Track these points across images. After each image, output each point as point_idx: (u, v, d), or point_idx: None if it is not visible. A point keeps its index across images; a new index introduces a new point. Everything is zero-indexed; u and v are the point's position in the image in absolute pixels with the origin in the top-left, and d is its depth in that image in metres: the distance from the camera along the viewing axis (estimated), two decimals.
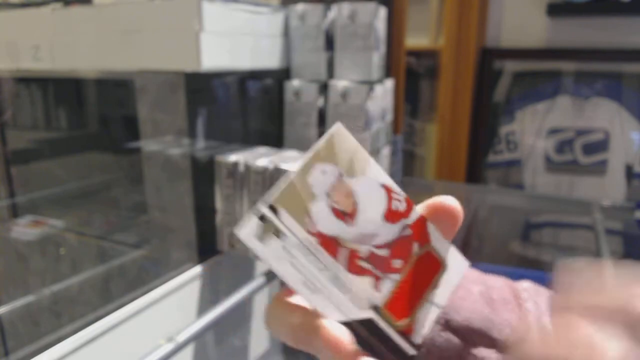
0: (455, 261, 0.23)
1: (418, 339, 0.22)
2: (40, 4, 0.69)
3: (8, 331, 0.76)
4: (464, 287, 0.27)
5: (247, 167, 0.63)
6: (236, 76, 0.71)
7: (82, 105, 0.87)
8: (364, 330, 0.21)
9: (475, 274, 0.28)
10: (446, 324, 0.25)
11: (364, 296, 0.20)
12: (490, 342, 0.26)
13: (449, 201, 0.23)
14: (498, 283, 0.29)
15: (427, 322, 0.23)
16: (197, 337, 0.57)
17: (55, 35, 0.69)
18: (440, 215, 0.23)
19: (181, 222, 0.67)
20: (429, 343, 0.25)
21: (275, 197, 0.17)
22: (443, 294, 0.23)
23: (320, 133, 0.79)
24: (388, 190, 0.20)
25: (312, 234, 0.18)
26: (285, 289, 0.23)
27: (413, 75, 1.52)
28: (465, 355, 0.25)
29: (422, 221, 0.22)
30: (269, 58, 0.75)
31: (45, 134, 0.89)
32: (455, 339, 0.25)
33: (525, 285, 0.30)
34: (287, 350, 0.92)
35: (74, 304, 0.78)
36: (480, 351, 0.25)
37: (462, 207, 0.23)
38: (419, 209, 0.23)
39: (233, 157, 0.65)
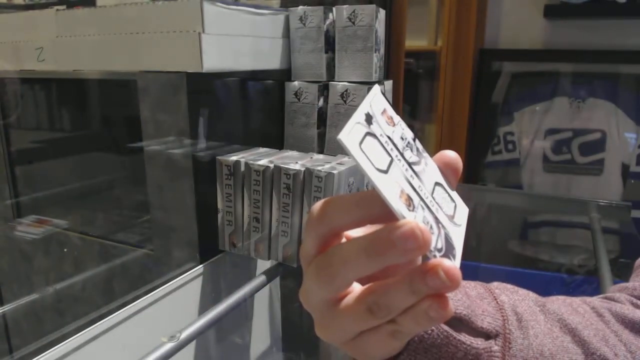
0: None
1: None
2: (44, 5, 0.70)
3: (12, 329, 0.76)
4: None
5: (248, 167, 0.64)
6: (237, 77, 0.72)
7: (85, 106, 0.87)
8: None
9: None
10: None
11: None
12: (474, 330, 0.27)
13: (450, 153, 0.25)
14: (471, 283, 0.30)
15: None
16: (199, 335, 0.57)
17: (58, 37, 0.70)
18: (444, 164, 0.25)
19: (183, 221, 0.68)
20: (421, 334, 0.26)
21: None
22: None
23: (320, 133, 0.80)
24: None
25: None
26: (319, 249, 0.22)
27: (412, 76, 1.53)
28: (453, 342, 0.26)
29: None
30: (270, 59, 0.76)
31: (49, 134, 0.90)
32: (443, 326, 0.26)
33: (495, 284, 0.32)
34: (287, 348, 0.92)
35: (77, 302, 0.79)
36: (466, 338, 0.27)
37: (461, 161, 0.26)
38: None
39: (234, 157, 0.66)
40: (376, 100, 0.24)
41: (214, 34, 0.61)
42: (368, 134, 0.22)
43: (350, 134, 0.21)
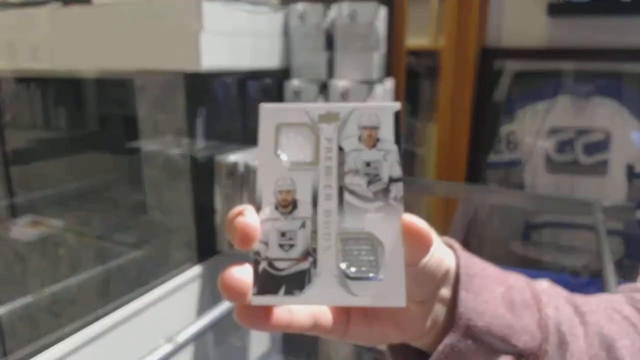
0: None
1: None
2: (40, 3, 0.69)
3: (7, 331, 0.76)
4: (487, 288, 0.26)
5: (247, 167, 0.63)
6: (236, 76, 0.71)
7: (81, 105, 0.87)
8: None
9: (498, 272, 0.28)
10: (467, 330, 0.25)
11: None
12: (509, 348, 0.26)
13: (418, 225, 0.21)
14: (519, 283, 0.28)
15: None
16: (197, 338, 0.57)
17: (54, 35, 0.69)
18: (408, 231, 0.21)
19: (181, 222, 0.67)
20: (448, 349, 0.25)
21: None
22: None
23: None
24: None
25: None
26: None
27: (413, 75, 1.52)
28: (481, 358, 0.25)
29: None
30: (268, 58, 0.75)
31: (45, 134, 0.89)
32: (473, 346, 0.25)
33: (545, 287, 0.30)
34: (287, 350, 0.91)
35: (73, 304, 0.78)
36: (499, 357, 0.25)
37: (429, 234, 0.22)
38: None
39: (232, 157, 0.65)
40: (374, 114, 0.21)
41: (213, 32, 0.60)
42: (305, 125, 0.20)
43: (278, 110, 0.20)
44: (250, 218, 0.20)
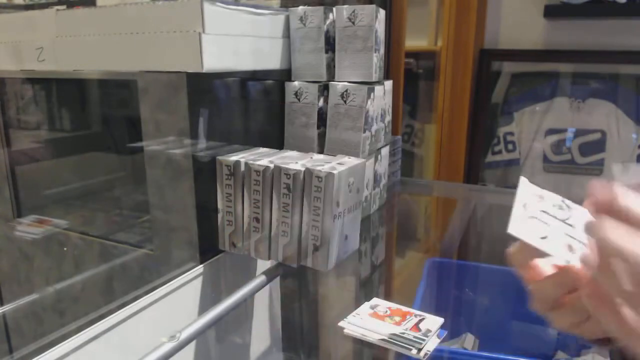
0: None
1: None
2: (44, 5, 0.70)
3: (12, 329, 0.76)
4: None
5: (248, 167, 0.64)
6: (237, 77, 0.72)
7: (85, 106, 0.87)
8: None
9: None
10: None
11: None
12: None
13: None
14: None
15: None
16: (199, 335, 0.57)
17: (58, 37, 0.70)
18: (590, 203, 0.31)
19: (183, 221, 0.68)
20: None
21: None
22: None
23: (320, 133, 0.80)
24: None
25: None
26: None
27: (412, 76, 1.53)
28: None
29: None
30: (270, 59, 0.76)
31: (49, 134, 0.90)
32: None
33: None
34: (287, 347, 0.92)
35: (78, 302, 0.79)
36: None
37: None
38: None
39: (234, 157, 0.66)
40: (524, 190, 0.35)
41: (214, 34, 0.61)
42: (528, 217, 0.33)
43: (514, 224, 0.33)
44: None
